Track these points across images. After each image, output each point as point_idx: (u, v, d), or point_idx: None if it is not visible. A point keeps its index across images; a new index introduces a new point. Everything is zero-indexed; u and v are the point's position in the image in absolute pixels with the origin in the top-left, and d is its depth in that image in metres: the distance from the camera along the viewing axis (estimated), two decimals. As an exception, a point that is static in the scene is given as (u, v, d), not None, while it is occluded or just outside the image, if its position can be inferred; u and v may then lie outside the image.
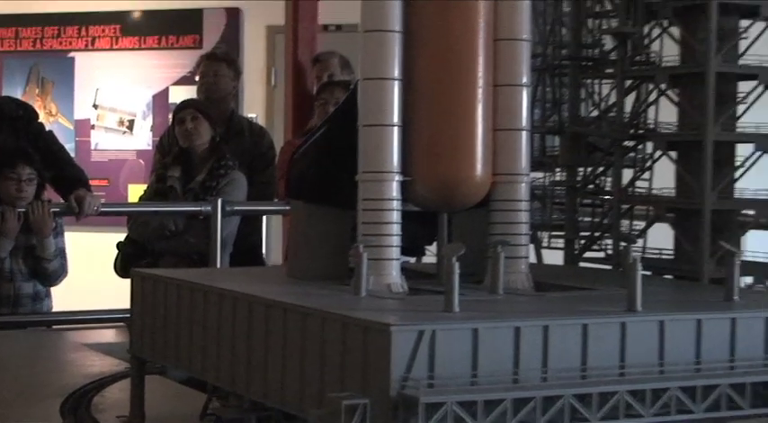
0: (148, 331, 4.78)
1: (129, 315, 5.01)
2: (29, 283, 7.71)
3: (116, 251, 8.05)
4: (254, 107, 12.93)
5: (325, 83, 8.59)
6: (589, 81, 5.49)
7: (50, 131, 8.38)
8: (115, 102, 13.62)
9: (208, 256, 7.72)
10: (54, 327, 7.88)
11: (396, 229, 4.28)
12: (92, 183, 8.13)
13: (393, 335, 3.37)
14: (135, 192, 12.29)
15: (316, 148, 4.79)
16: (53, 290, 7.89)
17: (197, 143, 8.00)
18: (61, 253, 7.81)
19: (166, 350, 4.65)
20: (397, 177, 4.30)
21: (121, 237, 8.10)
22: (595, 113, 5.47)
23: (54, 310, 7.94)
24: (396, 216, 4.29)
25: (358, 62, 4.46)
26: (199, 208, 7.75)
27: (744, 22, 5.10)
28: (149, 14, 13.44)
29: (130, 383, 4.87)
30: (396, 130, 4.30)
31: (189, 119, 8.03)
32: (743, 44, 5.13)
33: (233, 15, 13.22)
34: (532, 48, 4.88)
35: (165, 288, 4.68)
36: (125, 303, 5.01)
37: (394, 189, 4.29)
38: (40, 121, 8.30)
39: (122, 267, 7.89)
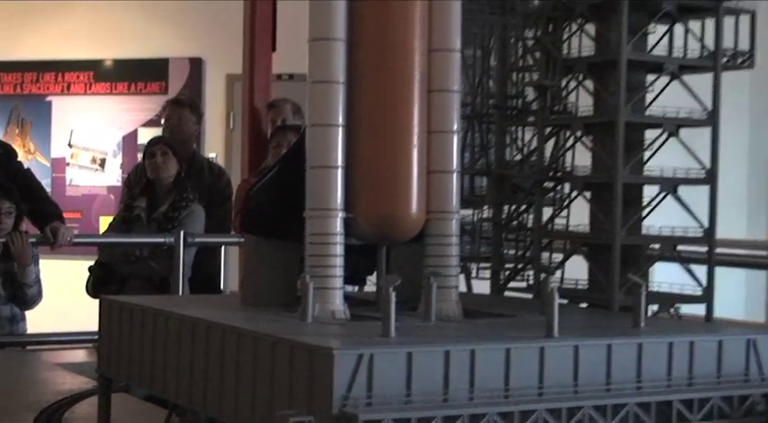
0: (115, 353, 4.73)
1: (97, 337, 4.95)
2: (6, 306, 7.62)
3: (88, 274, 7.98)
4: (214, 147, 12.88)
5: (278, 127, 8.55)
6: (513, 128, 5.51)
7: (28, 169, 8.31)
8: (88, 142, 13.51)
9: (168, 279, 7.67)
10: (29, 347, 7.77)
11: (339, 261, 4.27)
12: (66, 215, 8.07)
13: (335, 358, 3.36)
14: (106, 223, 12.10)
15: (268, 186, 4.77)
16: (28, 313, 7.79)
17: (164, 176, 7.96)
18: (38, 280, 7.72)
19: (131, 370, 4.61)
20: (341, 214, 4.29)
21: (92, 263, 8.03)
22: (519, 157, 5.48)
23: (29, 332, 7.84)
24: (339, 249, 4.28)
25: (306, 109, 4.46)
26: (163, 239, 7.69)
27: (650, 77, 5.15)
28: (120, 63, 13.37)
29: (98, 400, 4.82)
30: (339, 171, 4.29)
31: (159, 153, 7.99)
32: (649, 96, 5.17)
33: (196, 65, 13.18)
34: (462, 97, 4.90)
35: (131, 313, 4.63)
36: (94, 326, 4.95)
37: (338, 225, 4.29)
38: (19, 159, 8.22)
39: (93, 288, 7.85)
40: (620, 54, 4.79)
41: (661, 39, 5.13)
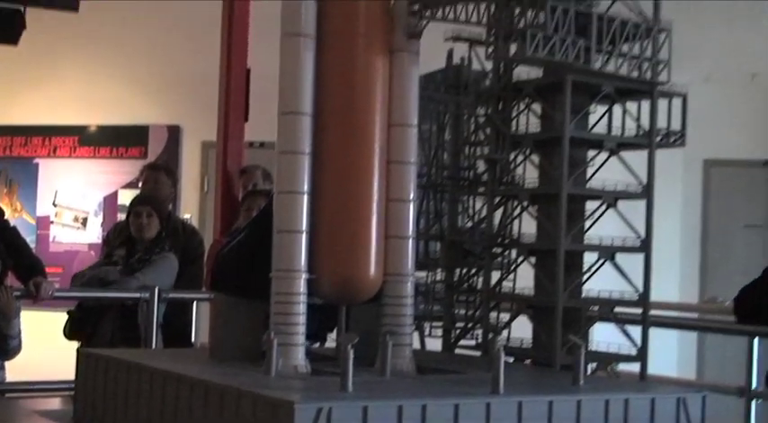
0: (90, 401, 4.68)
1: (74, 386, 4.89)
2: (-12, 357, 7.50)
3: (66, 317, 7.88)
4: (189, 209, 12.82)
5: (249, 191, 8.53)
6: (465, 197, 5.55)
7: (14, 227, 8.20)
8: (71, 201, 13.42)
9: (137, 312, 7.55)
10: (8, 395, 7.64)
11: (302, 319, 4.26)
12: (48, 270, 7.95)
13: (296, 411, 3.35)
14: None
15: (237, 247, 4.76)
16: (7, 362, 7.66)
17: (146, 236, 7.90)
18: (19, 332, 7.61)
19: (105, 418, 4.55)
20: (305, 275, 4.28)
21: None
22: (470, 224, 5.52)
23: (8, 380, 7.72)
24: (302, 308, 4.27)
25: (275, 176, 4.46)
26: (137, 295, 7.60)
27: (591, 153, 5.19)
28: (103, 129, 13.33)
29: (73, 446, 4.76)
30: (304, 235, 4.30)
31: (145, 214, 7.89)
32: (590, 170, 5.21)
33: (173, 132, 13.16)
34: (419, 169, 4.93)
35: (106, 365, 4.58)
36: (71, 375, 4.89)
37: (301, 285, 4.28)
38: (5, 218, 8.14)
39: (70, 330, 7.76)
40: (564, 132, 4.84)
41: (601, 118, 5.19)
